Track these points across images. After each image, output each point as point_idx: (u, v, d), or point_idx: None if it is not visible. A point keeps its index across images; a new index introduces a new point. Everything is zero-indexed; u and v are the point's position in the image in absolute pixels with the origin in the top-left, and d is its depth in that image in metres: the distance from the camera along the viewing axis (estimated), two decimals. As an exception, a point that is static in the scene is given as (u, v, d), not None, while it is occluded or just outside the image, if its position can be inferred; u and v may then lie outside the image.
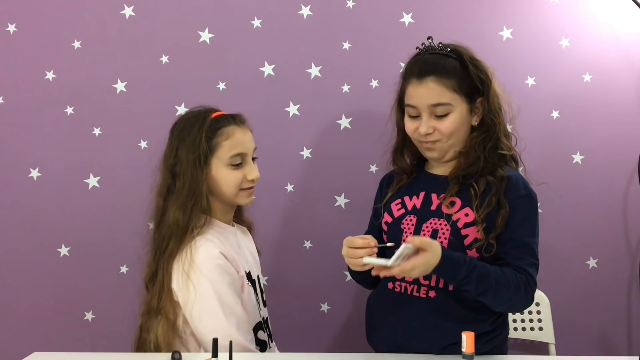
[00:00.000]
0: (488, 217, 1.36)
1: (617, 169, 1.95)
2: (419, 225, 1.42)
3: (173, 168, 1.43)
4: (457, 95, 1.38)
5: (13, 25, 1.95)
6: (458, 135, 1.41)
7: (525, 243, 1.36)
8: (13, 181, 1.96)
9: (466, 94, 1.39)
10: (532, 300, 1.36)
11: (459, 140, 1.42)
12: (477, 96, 1.41)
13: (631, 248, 1.97)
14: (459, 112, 1.39)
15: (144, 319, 1.42)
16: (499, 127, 1.42)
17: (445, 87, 1.37)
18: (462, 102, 1.39)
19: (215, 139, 1.44)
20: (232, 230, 1.52)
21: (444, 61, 1.39)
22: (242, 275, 1.44)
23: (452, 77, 1.38)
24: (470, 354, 1.21)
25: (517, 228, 1.36)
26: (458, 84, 1.38)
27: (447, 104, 1.37)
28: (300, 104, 1.96)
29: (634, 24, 1.93)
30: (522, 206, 1.37)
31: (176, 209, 1.40)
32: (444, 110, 1.38)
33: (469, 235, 1.36)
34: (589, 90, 1.94)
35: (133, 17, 1.95)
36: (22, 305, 1.97)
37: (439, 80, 1.37)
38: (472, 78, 1.39)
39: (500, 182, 1.37)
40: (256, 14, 1.95)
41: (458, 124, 1.39)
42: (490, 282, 1.29)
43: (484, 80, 1.40)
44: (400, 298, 1.42)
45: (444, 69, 1.38)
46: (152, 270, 1.41)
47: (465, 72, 1.39)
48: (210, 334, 1.33)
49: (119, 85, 1.96)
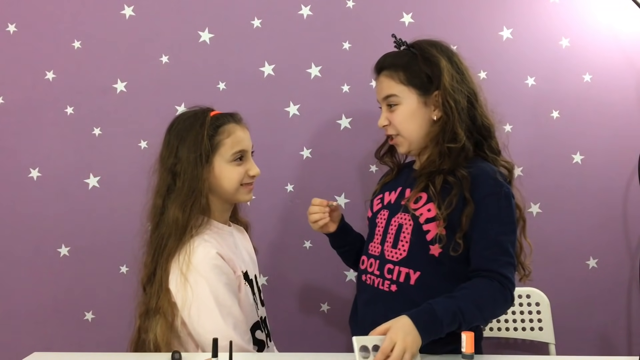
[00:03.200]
0: (452, 215, 1.34)
1: (617, 169, 1.95)
2: (389, 219, 1.44)
3: (173, 168, 1.43)
4: (405, 87, 1.41)
5: (13, 25, 1.95)
6: (411, 127, 1.42)
7: (496, 242, 1.32)
8: (13, 181, 1.96)
9: (418, 87, 1.40)
10: (512, 301, 1.33)
11: (418, 134, 1.42)
12: (433, 90, 1.40)
13: (631, 248, 1.97)
14: (408, 104, 1.41)
15: (142, 320, 1.41)
16: (454, 121, 1.37)
17: (393, 79, 1.42)
18: (411, 94, 1.41)
19: (217, 137, 1.44)
20: (228, 230, 1.52)
21: (396, 56, 1.44)
22: (239, 275, 1.45)
23: (401, 70, 1.41)
24: (470, 354, 1.21)
25: (487, 227, 1.32)
26: (406, 76, 1.40)
27: (394, 95, 1.42)
28: (300, 104, 1.96)
29: (634, 24, 1.93)
30: (492, 203, 1.33)
31: (176, 207, 1.40)
32: (393, 101, 1.42)
33: (430, 231, 1.36)
34: (589, 90, 1.94)
35: (133, 17, 1.95)
36: (22, 305, 1.97)
37: (388, 74, 1.43)
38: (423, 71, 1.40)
39: (462, 180, 1.34)
40: (256, 14, 1.95)
41: (407, 115, 1.41)
42: (472, 309, 1.27)
43: (434, 74, 1.39)
44: (370, 291, 1.44)
45: (392, 63, 1.43)
46: (150, 271, 1.41)
47: (417, 65, 1.41)
48: (208, 334, 1.34)
49: (119, 85, 1.96)
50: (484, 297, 1.29)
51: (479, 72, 1.95)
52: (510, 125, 1.96)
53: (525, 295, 1.89)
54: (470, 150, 1.39)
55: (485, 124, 1.42)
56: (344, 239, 1.62)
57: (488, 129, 1.42)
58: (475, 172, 1.36)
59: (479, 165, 1.38)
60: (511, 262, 1.33)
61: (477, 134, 1.41)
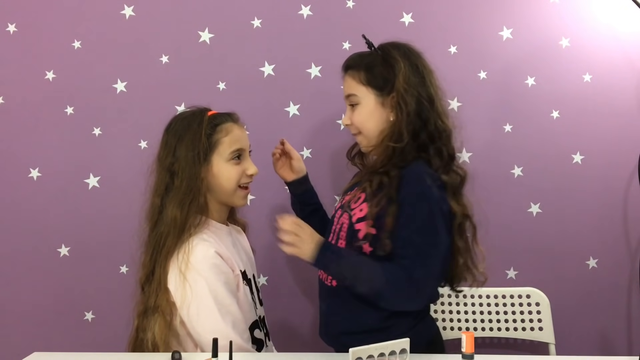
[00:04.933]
0: (380, 215, 1.35)
1: (617, 169, 1.95)
2: (338, 219, 1.48)
3: (171, 167, 1.43)
4: (364, 87, 1.43)
5: (13, 25, 1.95)
6: (369, 127, 1.44)
7: (410, 241, 1.31)
8: (13, 181, 1.96)
9: (376, 88, 1.42)
10: (416, 298, 1.33)
11: (375, 133, 1.44)
12: (391, 91, 1.41)
13: (631, 248, 1.97)
14: (366, 104, 1.43)
15: (140, 320, 1.41)
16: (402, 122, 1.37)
17: (354, 79, 1.44)
18: (369, 94, 1.42)
19: (215, 136, 1.45)
20: (226, 230, 1.52)
21: (361, 56, 1.46)
22: (238, 274, 1.45)
23: (363, 70, 1.43)
24: (470, 353, 1.21)
25: (404, 226, 1.32)
26: (366, 77, 1.42)
27: (354, 94, 1.44)
28: (300, 104, 1.96)
29: (634, 24, 1.93)
30: (411, 204, 1.33)
31: (174, 206, 1.40)
32: (354, 101, 1.45)
33: (360, 230, 1.37)
34: (589, 90, 1.94)
35: (133, 17, 1.95)
36: (22, 305, 1.97)
37: (351, 74, 1.45)
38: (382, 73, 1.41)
39: (392, 180, 1.35)
40: (256, 14, 1.95)
41: (365, 115, 1.43)
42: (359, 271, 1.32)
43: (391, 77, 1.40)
44: (322, 287, 1.50)
45: (355, 63, 1.45)
46: (149, 270, 1.41)
47: (378, 67, 1.42)
48: (207, 333, 1.35)
49: (119, 85, 1.96)
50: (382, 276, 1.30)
51: (479, 72, 1.95)
52: (510, 125, 1.96)
53: (525, 295, 1.89)
54: (411, 153, 1.38)
55: (440, 128, 1.40)
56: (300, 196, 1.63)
57: (440, 134, 1.40)
58: (405, 172, 1.36)
59: (413, 166, 1.37)
60: (425, 263, 1.30)
61: (426, 137, 1.39)
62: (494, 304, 1.90)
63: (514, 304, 1.89)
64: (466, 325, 1.91)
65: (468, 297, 1.91)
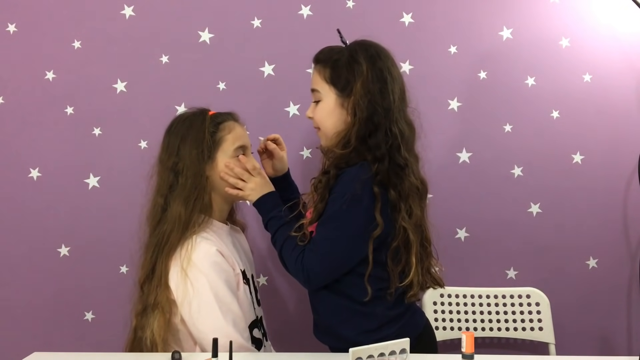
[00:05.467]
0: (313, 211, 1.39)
1: (617, 169, 1.95)
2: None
3: (175, 167, 1.44)
4: (327, 85, 1.42)
5: (13, 25, 1.95)
6: (327, 124, 1.43)
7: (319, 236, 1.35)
8: (13, 181, 1.96)
9: (338, 87, 1.40)
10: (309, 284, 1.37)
11: (332, 132, 1.42)
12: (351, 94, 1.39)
13: (631, 248, 1.97)
14: (327, 101, 1.42)
15: (138, 319, 1.42)
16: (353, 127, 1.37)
17: (320, 74, 1.43)
18: (330, 92, 1.41)
19: (218, 133, 1.46)
20: (226, 229, 1.53)
21: (330, 51, 1.45)
22: (238, 272, 1.46)
23: (329, 67, 1.42)
24: (470, 353, 1.21)
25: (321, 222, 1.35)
26: (331, 75, 1.41)
27: (316, 90, 1.44)
28: (300, 104, 1.96)
29: (634, 24, 1.93)
30: (333, 201, 1.34)
31: (179, 203, 1.41)
32: (316, 96, 1.44)
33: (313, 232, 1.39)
34: (589, 90, 1.94)
35: (133, 17, 1.95)
36: (22, 305, 1.97)
37: (318, 68, 1.44)
38: (345, 75, 1.40)
39: (329, 180, 1.37)
40: (256, 14, 1.95)
41: (324, 112, 1.43)
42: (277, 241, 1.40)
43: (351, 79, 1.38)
44: None
45: (323, 59, 1.44)
46: (149, 269, 1.42)
47: (342, 68, 1.40)
48: (207, 331, 1.35)
49: (119, 85, 1.96)
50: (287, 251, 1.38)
51: (479, 72, 1.95)
52: (510, 125, 1.96)
53: (525, 295, 1.89)
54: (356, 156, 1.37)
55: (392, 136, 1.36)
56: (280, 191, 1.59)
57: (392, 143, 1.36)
58: (342, 173, 1.36)
59: (351, 169, 1.36)
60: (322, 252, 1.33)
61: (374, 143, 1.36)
62: (494, 304, 1.90)
63: (514, 304, 1.89)
64: (466, 325, 1.90)
65: (468, 297, 1.91)
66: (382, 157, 1.34)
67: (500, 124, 1.96)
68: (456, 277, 1.92)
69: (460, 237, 1.98)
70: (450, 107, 1.96)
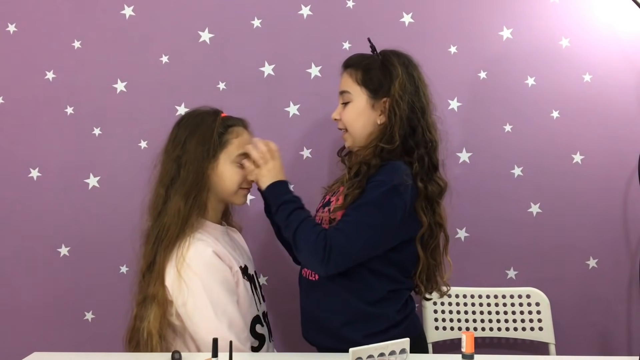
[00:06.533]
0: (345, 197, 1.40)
1: (617, 169, 1.95)
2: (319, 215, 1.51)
3: (179, 159, 1.45)
4: (358, 87, 1.46)
5: (13, 25, 1.95)
6: (356, 125, 1.47)
7: (350, 218, 1.34)
8: (13, 181, 1.96)
9: (370, 89, 1.45)
10: (325, 265, 1.32)
11: (362, 133, 1.47)
12: (383, 96, 1.45)
13: (631, 248, 1.97)
14: (358, 103, 1.46)
15: (139, 308, 1.43)
16: (394, 125, 1.41)
17: (350, 77, 1.48)
18: (362, 94, 1.46)
19: (226, 135, 1.48)
20: (221, 229, 1.54)
21: (362, 57, 1.50)
22: (237, 270, 1.46)
23: (360, 70, 1.47)
24: (470, 353, 1.21)
25: (355, 206, 1.36)
26: (362, 77, 1.46)
27: (348, 92, 1.48)
28: (300, 104, 1.96)
29: (634, 24, 1.93)
30: (371, 189, 1.36)
31: (179, 197, 1.42)
32: (345, 98, 1.48)
33: (336, 219, 1.40)
34: (589, 90, 1.94)
35: (133, 17, 1.95)
36: (22, 305, 1.97)
37: (348, 72, 1.49)
38: (379, 76, 1.45)
39: (370, 169, 1.39)
40: (256, 14, 1.95)
41: (355, 113, 1.47)
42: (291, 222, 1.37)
43: (387, 82, 1.44)
44: (305, 283, 1.51)
45: (354, 62, 1.49)
46: (150, 260, 1.43)
47: (376, 70, 1.46)
48: (202, 333, 1.37)
49: (119, 85, 1.96)
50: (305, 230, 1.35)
51: (479, 72, 1.95)
52: (510, 125, 1.96)
53: (525, 295, 1.89)
54: (397, 154, 1.41)
55: (427, 139, 1.44)
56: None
57: (426, 144, 1.44)
58: (386, 164, 1.39)
59: (394, 162, 1.40)
60: (349, 236, 1.32)
61: (413, 144, 1.42)
62: (494, 304, 1.90)
63: (514, 304, 1.89)
64: (466, 325, 1.91)
65: (468, 297, 1.91)
66: (421, 157, 1.41)
67: (500, 124, 1.96)
68: (456, 277, 1.91)
69: (460, 237, 1.98)
70: (450, 107, 1.96)
